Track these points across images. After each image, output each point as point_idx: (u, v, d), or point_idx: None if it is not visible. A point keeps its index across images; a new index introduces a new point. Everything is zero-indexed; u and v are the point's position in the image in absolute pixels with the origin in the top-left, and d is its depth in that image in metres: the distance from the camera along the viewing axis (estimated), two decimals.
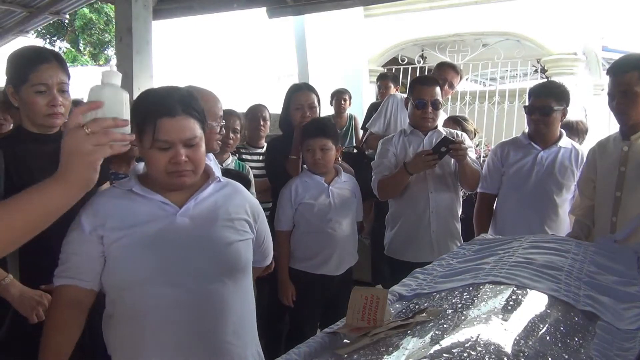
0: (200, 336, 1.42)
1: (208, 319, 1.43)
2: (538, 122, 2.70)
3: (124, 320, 1.43)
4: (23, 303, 1.65)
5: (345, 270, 2.70)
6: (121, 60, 4.82)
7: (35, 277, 1.71)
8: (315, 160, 2.59)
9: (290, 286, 2.65)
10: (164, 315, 1.39)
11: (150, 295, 1.39)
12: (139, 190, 1.45)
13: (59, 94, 1.76)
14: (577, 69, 7.60)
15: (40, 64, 1.73)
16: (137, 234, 1.41)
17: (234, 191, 1.60)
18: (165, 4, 5.63)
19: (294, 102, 2.87)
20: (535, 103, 2.69)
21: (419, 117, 2.83)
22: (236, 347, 1.47)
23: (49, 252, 1.73)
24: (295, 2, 5.47)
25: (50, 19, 7.38)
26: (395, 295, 1.29)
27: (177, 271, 1.40)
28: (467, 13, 7.89)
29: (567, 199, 2.72)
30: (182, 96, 1.44)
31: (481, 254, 1.54)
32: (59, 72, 1.77)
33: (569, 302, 1.11)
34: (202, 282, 1.42)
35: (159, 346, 1.39)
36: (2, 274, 1.66)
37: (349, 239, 2.70)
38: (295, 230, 2.67)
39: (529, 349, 0.86)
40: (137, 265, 1.39)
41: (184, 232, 1.44)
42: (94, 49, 18.89)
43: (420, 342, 0.92)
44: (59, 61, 1.80)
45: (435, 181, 2.81)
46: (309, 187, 2.63)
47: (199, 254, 1.43)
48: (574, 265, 1.36)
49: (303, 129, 2.70)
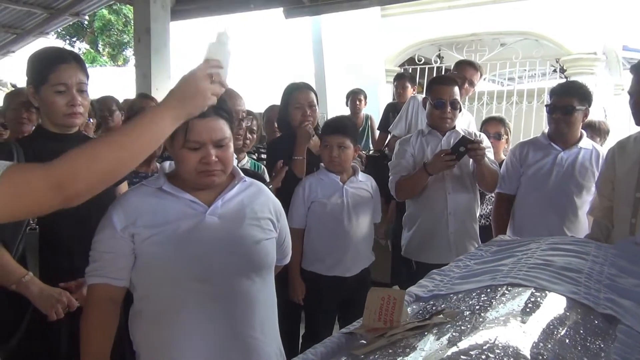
0: (229, 332, 1.44)
1: (237, 315, 1.46)
2: (559, 122, 2.66)
3: (153, 316, 1.46)
4: (42, 300, 1.67)
5: (360, 270, 2.67)
6: (139, 61, 4.88)
7: (54, 275, 1.73)
8: (332, 158, 2.57)
9: (301, 285, 2.64)
10: (193, 312, 1.42)
11: (180, 292, 1.42)
12: (169, 189, 1.48)
13: (78, 94, 1.78)
14: (596, 69, 7.51)
15: (59, 65, 1.76)
16: (168, 232, 1.43)
17: (259, 191, 1.63)
18: (182, 5, 5.67)
19: (293, 101, 2.81)
20: (556, 102, 2.66)
21: (438, 117, 2.81)
22: (262, 343, 1.50)
23: (67, 251, 1.77)
24: (312, 3, 5.48)
25: (70, 21, 7.49)
26: (412, 296, 1.28)
27: (207, 268, 1.43)
28: (485, 12, 7.83)
29: (587, 200, 2.69)
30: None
31: (499, 256, 1.53)
32: (78, 72, 1.79)
33: (588, 305, 1.10)
34: (231, 280, 1.46)
35: (188, 343, 1.42)
36: (22, 271, 1.69)
37: (363, 239, 2.67)
38: (308, 230, 2.65)
39: (547, 352, 0.85)
40: (168, 262, 1.42)
41: (213, 231, 1.46)
42: (113, 50, 19.10)
43: (437, 344, 0.92)
44: (78, 62, 1.82)
45: (454, 182, 2.79)
46: (323, 185, 2.61)
47: (227, 252, 1.46)
48: (594, 268, 1.34)
49: (323, 126, 2.69)
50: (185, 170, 1.45)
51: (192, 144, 1.41)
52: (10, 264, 1.67)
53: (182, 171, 1.47)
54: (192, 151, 1.42)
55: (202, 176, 1.45)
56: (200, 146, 1.42)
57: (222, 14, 5.94)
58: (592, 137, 3.56)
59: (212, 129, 1.42)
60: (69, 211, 1.75)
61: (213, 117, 1.42)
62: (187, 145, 1.41)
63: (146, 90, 4.58)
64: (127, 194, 1.55)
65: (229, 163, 1.49)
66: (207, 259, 1.43)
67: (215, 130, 1.43)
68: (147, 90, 4.59)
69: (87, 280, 1.47)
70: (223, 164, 1.46)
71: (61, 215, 1.75)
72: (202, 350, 1.42)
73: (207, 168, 1.43)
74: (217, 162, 1.44)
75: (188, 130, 1.40)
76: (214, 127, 1.43)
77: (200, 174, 1.44)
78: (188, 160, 1.43)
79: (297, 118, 2.78)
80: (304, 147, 2.73)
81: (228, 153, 1.47)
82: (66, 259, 1.77)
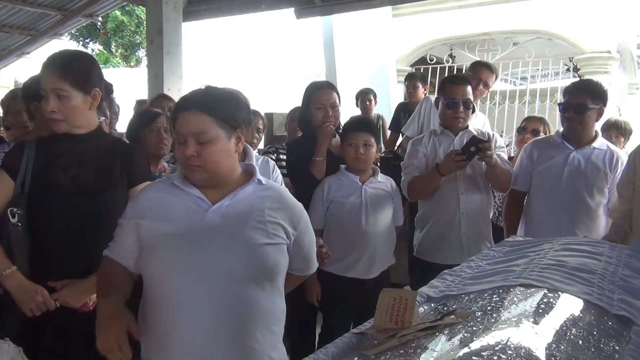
0: (222, 335, 1.43)
1: (232, 317, 1.44)
2: (572, 121, 2.64)
3: (153, 309, 1.48)
4: (19, 295, 1.71)
5: (379, 273, 2.63)
6: (152, 62, 4.91)
7: (42, 272, 1.76)
8: (358, 155, 2.55)
9: (317, 285, 2.62)
10: (187, 309, 1.42)
11: (176, 288, 1.43)
12: (179, 183, 1.52)
13: (55, 100, 1.74)
14: (611, 68, 7.43)
15: (44, 69, 1.77)
16: (168, 227, 1.45)
17: (275, 195, 1.59)
18: (194, 6, 5.70)
19: (315, 101, 2.76)
20: (570, 100, 2.63)
21: (450, 117, 2.79)
22: (257, 351, 1.47)
23: (57, 252, 1.79)
24: (323, 3, 5.48)
25: (83, 22, 7.58)
26: (423, 296, 1.28)
27: (202, 267, 1.43)
28: (497, 11, 7.78)
29: (601, 202, 2.66)
30: (208, 94, 1.50)
31: (511, 256, 1.52)
32: (56, 79, 1.74)
33: (602, 306, 1.09)
34: (226, 281, 1.44)
35: (181, 339, 1.42)
36: (6, 264, 1.72)
37: (382, 241, 2.63)
38: (326, 230, 2.63)
39: (560, 353, 0.84)
40: (164, 257, 1.45)
41: (212, 229, 1.46)
42: (126, 51, 19.24)
43: (448, 345, 0.91)
44: (62, 67, 1.76)
45: (466, 182, 2.77)
46: (342, 185, 2.60)
47: (224, 252, 1.44)
48: (608, 269, 1.32)
49: (345, 124, 2.67)
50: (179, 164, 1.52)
51: (178, 137, 1.47)
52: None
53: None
54: (179, 145, 1.47)
55: (186, 171, 1.50)
56: (183, 140, 1.45)
57: (233, 14, 5.96)
58: (617, 137, 3.55)
59: (191, 122, 1.44)
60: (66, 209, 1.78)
61: (195, 111, 1.45)
62: (176, 139, 1.48)
63: (158, 90, 4.61)
64: (148, 185, 1.67)
65: (210, 161, 1.47)
66: (202, 258, 1.43)
67: (195, 123, 1.44)
68: (159, 90, 4.61)
69: (104, 252, 1.58)
70: (202, 161, 1.45)
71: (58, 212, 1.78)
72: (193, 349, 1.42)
73: (186, 162, 1.47)
74: (195, 158, 1.44)
75: (175, 122, 1.47)
76: (195, 120, 1.44)
77: (184, 167, 1.50)
78: (177, 154, 1.51)
79: (319, 118, 2.73)
80: (324, 148, 2.70)
81: (209, 150, 1.45)
82: (56, 259, 1.79)
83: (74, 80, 1.76)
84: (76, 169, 1.81)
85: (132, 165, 1.91)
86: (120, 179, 1.86)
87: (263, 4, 5.53)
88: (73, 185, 1.79)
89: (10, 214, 1.74)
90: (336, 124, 2.78)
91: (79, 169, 1.81)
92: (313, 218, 2.58)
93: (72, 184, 1.79)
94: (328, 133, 2.69)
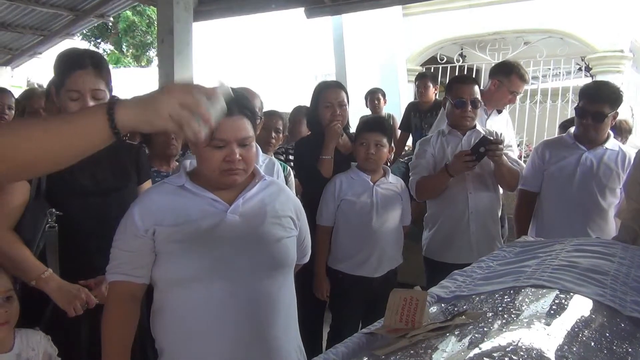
0: (251, 331, 1.45)
1: (259, 313, 1.46)
2: (588, 127, 2.62)
3: (175, 314, 1.47)
4: (61, 296, 1.70)
5: (387, 272, 2.65)
6: (163, 61, 4.92)
7: (74, 273, 1.76)
8: (368, 155, 2.55)
9: (326, 282, 2.65)
10: (215, 310, 1.43)
11: (202, 290, 1.43)
12: (191, 187, 1.50)
13: (92, 101, 1.73)
14: (623, 67, 7.37)
15: (75, 70, 1.73)
16: (189, 230, 1.44)
17: (279, 189, 1.64)
18: (205, 6, 5.71)
19: (323, 100, 2.79)
20: (588, 107, 2.60)
21: (458, 117, 2.79)
22: (284, 342, 1.51)
23: (87, 249, 1.79)
24: (333, 2, 5.47)
25: (95, 22, 7.63)
26: (433, 297, 1.27)
27: (228, 267, 1.44)
28: (508, 10, 7.74)
29: (613, 203, 2.64)
30: (237, 96, 1.47)
31: (522, 257, 1.51)
32: (94, 79, 1.74)
33: (615, 308, 1.08)
34: (253, 278, 1.46)
35: (210, 341, 1.43)
36: (42, 267, 1.71)
37: (391, 240, 2.65)
38: (336, 228, 2.65)
39: (572, 355, 0.84)
40: (189, 261, 1.43)
41: (234, 229, 1.47)
42: (137, 51, 19.32)
43: (459, 345, 0.91)
44: (97, 66, 1.76)
45: (475, 181, 2.76)
46: (353, 184, 2.60)
47: (249, 250, 1.47)
48: (621, 270, 1.31)
49: (359, 123, 2.67)
50: (209, 168, 1.46)
51: (217, 142, 1.42)
52: (30, 260, 1.70)
53: (205, 169, 1.48)
54: (217, 149, 1.43)
55: (224, 175, 1.45)
56: (224, 145, 1.43)
57: (244, 14, 5.97)
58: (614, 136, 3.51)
59: (237, 128, 1.44)
60: (89, 209, 1.79)
61: (238, 116, 1.44)
62: (212, 144, 1.42)
63: None
64: (148, 191, 1.58)
65: (251, 162, 1.50)
66: (228, 258, 1.44)
67: (240, 129, 1.44)
68: None
69: (108, 277, 1.49)
70: (246, 163, 1.47)
71: (81, 213, 1.79)
72: (224, 349, 1.43)
73: (230, 167, 1.44)
74: (240, 161, 1.45)
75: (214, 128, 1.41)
76: (239, 126, 1.44)
77: (223, 172, 1.45)
78: (212, 159, 1.44)
79: (327, 117, 2.75)
80: (332, 147, 2.71)
81: (251, 152, 1.49)
82: (86, 257, 1.79)
83: (108, 79, 1.78)
84: (92, 168, 1.82)
85: (139, 163, 1.94)
86: (133, 176, 1.89)
87: (273, 4, 5.54)
88: (93, 184, 1.81)
89: (49, 214, 1.73)
90: (344, 123, 2.79)
91: (95, 168, 1.83)
92: (324, 215, 2.61)
93: (92, 184, 1.81)
94: (336, 132, 2.70)
